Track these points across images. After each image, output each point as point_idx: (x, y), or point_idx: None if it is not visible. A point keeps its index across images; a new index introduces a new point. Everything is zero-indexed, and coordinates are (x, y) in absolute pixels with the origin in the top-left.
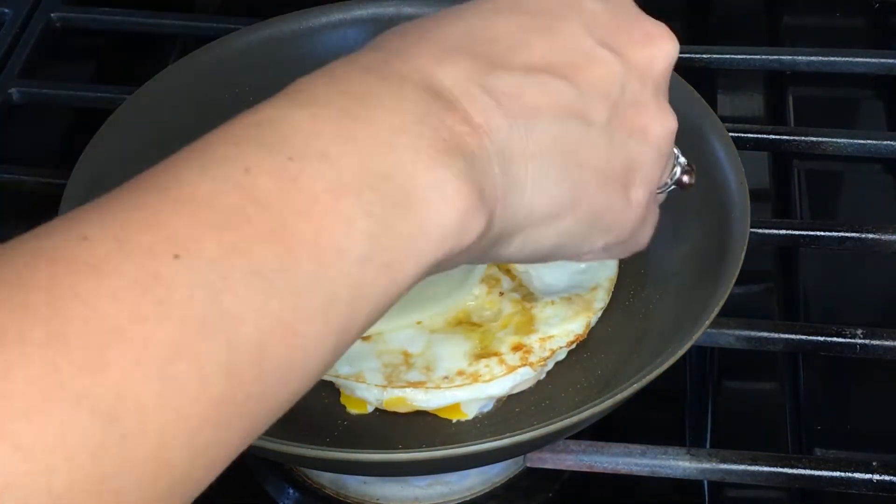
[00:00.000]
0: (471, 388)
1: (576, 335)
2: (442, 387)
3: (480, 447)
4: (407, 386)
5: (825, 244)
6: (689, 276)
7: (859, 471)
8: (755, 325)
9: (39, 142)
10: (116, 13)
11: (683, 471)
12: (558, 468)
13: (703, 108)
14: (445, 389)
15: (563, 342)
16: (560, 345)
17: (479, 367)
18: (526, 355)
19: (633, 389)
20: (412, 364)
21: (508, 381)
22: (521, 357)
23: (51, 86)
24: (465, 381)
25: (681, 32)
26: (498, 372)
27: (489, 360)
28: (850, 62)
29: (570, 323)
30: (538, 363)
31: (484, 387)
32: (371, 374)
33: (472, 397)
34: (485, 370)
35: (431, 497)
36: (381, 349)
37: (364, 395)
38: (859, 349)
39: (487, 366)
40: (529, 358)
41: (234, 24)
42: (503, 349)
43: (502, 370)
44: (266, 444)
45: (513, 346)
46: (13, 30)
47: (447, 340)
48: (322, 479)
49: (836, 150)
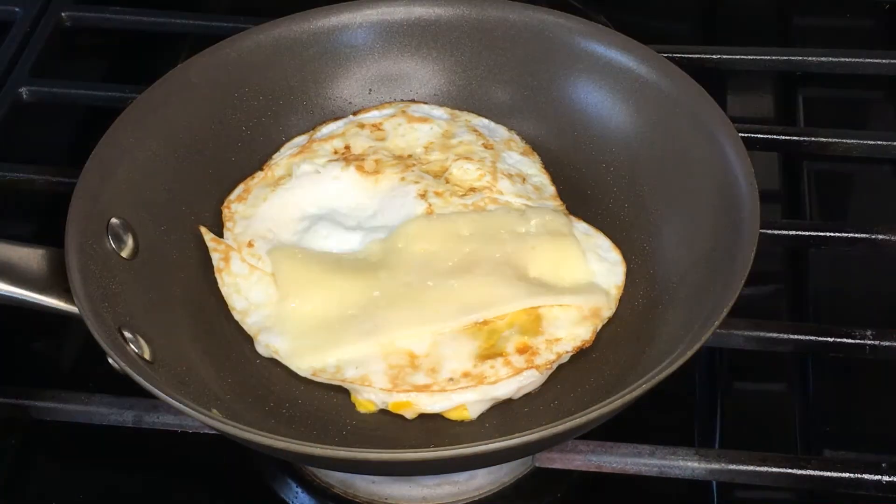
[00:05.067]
0: (476, 390)
1: (582, 340)
2: (447, 389)
3: (489, 447)
4: (412, 390)
5: (835, 245)
6: (698, 277)
7: (868, 472)
8: (764, 327)
9: (49, 140)
10: (126, 12)
11: (692, 471)
12: (567, 468)
13: (713, 109)
14: (451, 392)
15: (570, 346)
16: (566, 349)
17: (485, 368)
18: (532, 357)
19: (643, 390)
20: (418, 366)
21: (514, 383)
22: (526, 359)
23: (61, 84)
24: (471, 383)
25: (691, 33)
26: (503, 374)
27: (495, 362)
28: (861, 63)
29: (578, 327)
30: (544, 366)
31: (489, 389)
32: (377, 377)
33: (477, 399)
34: (490, 372)
35: (440, 497)
36: (388, 350)
37: (370, 398)
38: (869, 350)
39: (493, 367)
40: (535, 360)
41: (243, 23)
42: (509, 349)
43: (508, 372)
44: (276, 444)
45: (518, 348)
46: (24, 29)
47: (453, 340)
48: (331, 478)
49: (845, 150)
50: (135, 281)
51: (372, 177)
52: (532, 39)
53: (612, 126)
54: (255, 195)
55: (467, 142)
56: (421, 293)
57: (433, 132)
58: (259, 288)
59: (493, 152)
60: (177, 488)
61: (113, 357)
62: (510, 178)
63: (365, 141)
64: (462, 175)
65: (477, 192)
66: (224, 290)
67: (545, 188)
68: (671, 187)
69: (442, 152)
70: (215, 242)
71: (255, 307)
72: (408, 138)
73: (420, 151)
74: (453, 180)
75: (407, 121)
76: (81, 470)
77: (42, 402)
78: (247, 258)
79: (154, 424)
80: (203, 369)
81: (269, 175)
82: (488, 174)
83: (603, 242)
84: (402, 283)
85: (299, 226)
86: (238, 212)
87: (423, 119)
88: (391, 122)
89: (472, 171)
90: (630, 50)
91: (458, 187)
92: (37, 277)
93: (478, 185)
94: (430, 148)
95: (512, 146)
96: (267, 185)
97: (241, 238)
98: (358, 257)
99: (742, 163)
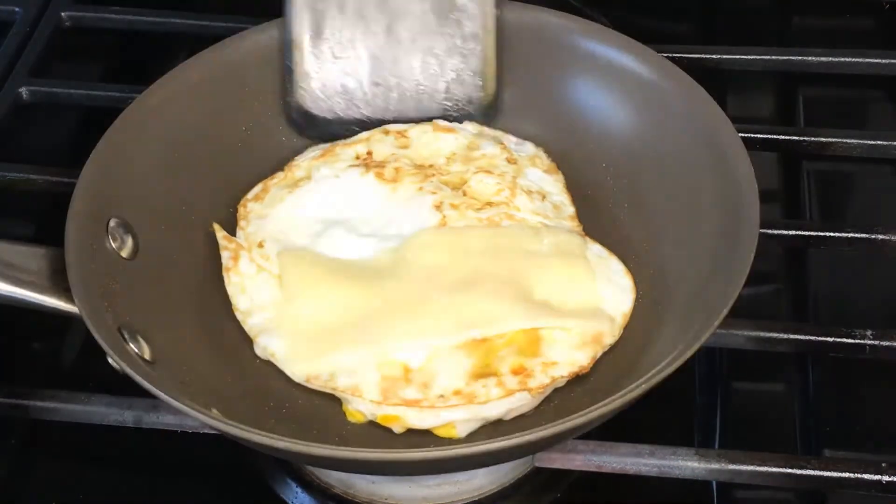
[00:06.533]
0: (465, 408)
1: (580, 366)
2: (436, 406)
3: (489, 446)
4: (402, 404)
5: (834, 245)
6: (698, 277)
7: (868, 472)
8: (764, 326)
9: (49, 140)
10: (126, 12)
11: (692, 471)
12: (567, 468)
13: (713, 109)
14: (440, 409)
15: (566, 371)
16: (562, 374)
17: (477, 387)
18: (526, 379)
19: (642, 390)
20: (411, 380)
21: (504, 404)
22: (520, 381)
23: (61, 85)
24: (461, 401)
25: (691, 33)
26: (494, 394)
27: (487, 381)
28: (860, 63)
29: (577, 352)
30: (537, 389)
31: (479, 408)
32: (368, 388)
33: (467, 418)
34: (482, 391)
35: (440, 497)
36: (383, 361)
37: (360, 408)
38: (868, 350)
39: (485, 386)
40: (529, 383)
41: (242, 23)
42: (503, 369)
43: (499, 393)
44: (276, 444)
45: (513, 368)
46: (23, 29)
47: (449, 355)
48: (331, 478)
49: (845, 150)
50: (135, 281)
51: (390, 184)
52: (532, 39)
53: (612, 126)
54: (272, 195)
55: (490, 155)
56: (421, 305)
57: (457, 143)
58: (265, 289)
59: (515, 167)
60: (177, 488)
61: (113, 357)
62: (529, 195)
63: (388, 148)
64: (480, 188)
65: (494, 206)
66: (230, 288)
67: (564, 208)
68: (671, 187)
69: (463, 164)
70: (227, 240)
71: (258, 308)
72: (431, 148)
73: (442, 162)
74: (471, 193)
75: (433, 129)
76: (81, 470)
77: (42, 402)
78: (256, 258)
79: (154, 424)
80: (203, 369)
81: (288, 176)
82: (507, 189)
83: (616, 266)
84: (405, 294)
85: (313, 229)
86: (253, 211)
87: (448, 129)
88: (417, 130)
89: (491, 184)
90: (630, 50)
91: (475, 200)
92: (37, 277)
93: (495, 199)
94: (452, 159)
95: (536, 162)
96: (285, 186)
97: (253, 238)
98: (366, 265)
99: (742, 163)
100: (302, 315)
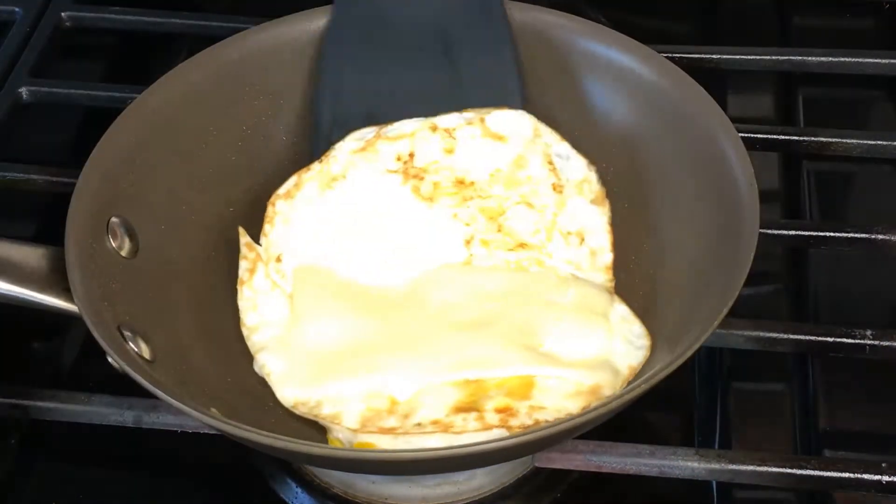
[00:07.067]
0: (440, 436)
1: (567, 413)
2: (410, 433)
3: (489, 446)
4: (377, 432)
5: (834, 245)
6: (698, 277)
7: (868, 472)
8: (764, 326)
9: (49, 141)
10: (126, 13)
11: (692, 471)
12: (567, 468)
13: (713, 109)
14: (413, 436)
15: (551, 417)
16: (547, 419)
17: (456, 419)
18: (508, 418)
19: (642, 390)
20: (395, 412)
21: (480, 437)
22: (501, 419)
23: (61, 85)
24: (436, 430)
25: (691, 33)
26: (472, 427)
27: (468, 415)
28: (861, 63)
29: (568, 401)
30: (517, 428)
31: (453, 438)
32: (348, 417)
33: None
34: (460, 423)
35: (439, 497)
36: (371, 393)
37: (338, 436)
38: (868, 350)
39: (464, 419)
40: (510, 422)
41: (242, 23)
42: (488, 407)
43: (476, 426)
44: (276, 443)
45: (498, 408)
46: (23, 29)
47: (437, 391)
48: (330, 478)
49: (845, 150)
50: (135, 280)
51: (425, 202)
52: (532, 39)
53: (612, 126)
54: (303, 195)
55: (536, 179)
56: (424, 342)
57: (505, 157)
58: (276, 307)
59: (559, 198)
60: (177, 488)
61: (113, 357)
62: (566, 238)
63: (432, 150)
64: (517, 225)
65: (526, 249)
66: (241, 303)
67: (601, 254)
68: (671, 187)
69: (506, 188)
70: (248, 248)
71: (265, 325)
72: (476, 158)
73: (484, 179)
74: (506, 230)
75: (482, 133)
76: (81, 470)
77: (42, 402)
78: (272, 273)
79: (154, 424)
80: (203, 369)
81: (324, 170)
82: (543, 231)
83: (637, 330)
84: (411, 330)
85: (337, 244)
86: (281, 213)
87: (498, 137)
88: (465, 131)
89: (529, 223)
90: (630, 50)
91: (508, 239)
92: (36, 276)
93: (530, 241)
94: (495, 178)
95: (584, 190)
96: (319, 184)
97: (273, 249)
98: (381, 294)
99: (742, 162)
100: (306, 341)
